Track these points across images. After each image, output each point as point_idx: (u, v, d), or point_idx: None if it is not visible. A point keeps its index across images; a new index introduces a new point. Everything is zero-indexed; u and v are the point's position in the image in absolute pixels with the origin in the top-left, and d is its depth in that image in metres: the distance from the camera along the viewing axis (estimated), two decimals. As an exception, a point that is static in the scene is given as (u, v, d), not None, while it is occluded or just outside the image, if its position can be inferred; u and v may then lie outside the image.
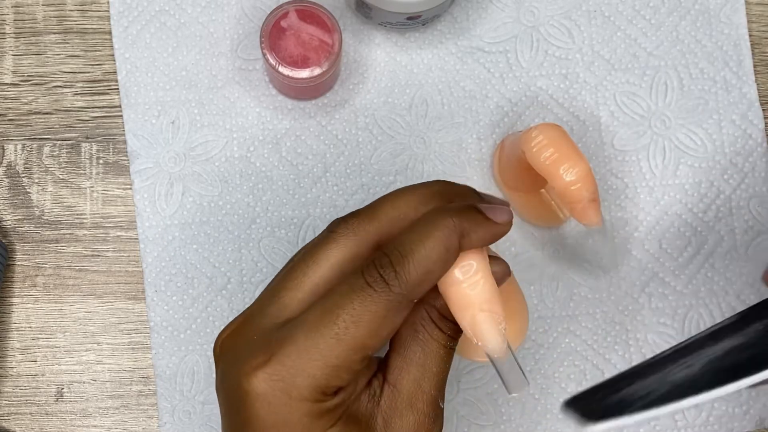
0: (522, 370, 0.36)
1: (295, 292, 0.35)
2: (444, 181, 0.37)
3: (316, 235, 0.53)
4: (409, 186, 0.37)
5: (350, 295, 0.34)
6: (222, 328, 0.52)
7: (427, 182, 0.37)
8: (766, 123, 0.56)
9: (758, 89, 0.56)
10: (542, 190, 0.53)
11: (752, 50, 0.56)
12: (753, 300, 0.54)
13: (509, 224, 0.36)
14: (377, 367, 0.37)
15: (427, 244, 0.34)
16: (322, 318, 0.34)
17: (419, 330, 0.36)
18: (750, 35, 0.56)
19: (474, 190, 0.38)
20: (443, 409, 0.37)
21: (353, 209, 0.53)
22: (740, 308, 0.54)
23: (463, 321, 0.35)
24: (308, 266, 0.35)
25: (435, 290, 0.36)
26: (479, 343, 0.35)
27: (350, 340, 0.33)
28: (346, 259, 0.35)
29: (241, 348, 0.35)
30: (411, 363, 0.36)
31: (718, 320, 0.54)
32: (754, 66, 0.56)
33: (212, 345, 0.52)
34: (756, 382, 0.34)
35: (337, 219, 0.37)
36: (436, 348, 0.36)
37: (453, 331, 0.37)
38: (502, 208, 0.36)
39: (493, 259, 0.37)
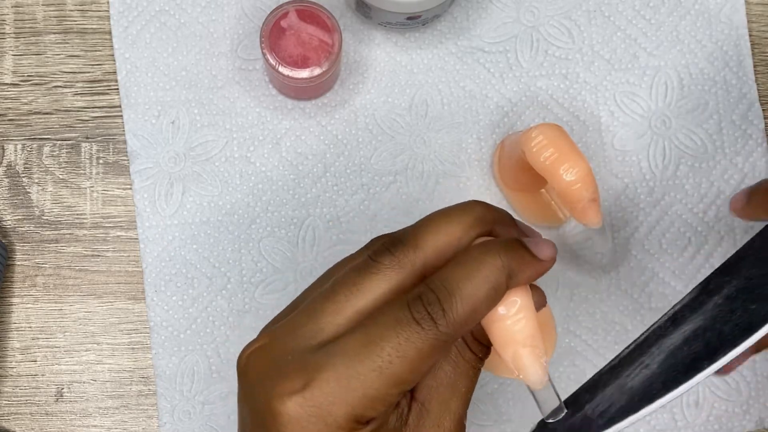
0: (559, 398, 0.36)
1: (335, 317, 0.34)
2: (482, 203, 0.37)
3: (317, 235, 0.53)
4: (449, 211, 0.36)
5: (396, 328, 0.33)
6: (222, 327, 0.52)
7: (466, 206, 0.36)
8: (766, 123, 0.56)
9: (758, 89, 0.56)
10: (542, 190, 0.53)
11: (752, 50, 0.56)
12: (753, 300, 0.54)
13: (554, 260, 0.36)
14: None
15: (474, 283, 0.34)
16: (365, 348, 0.33)
17: (452, 351, 0.36)
18: (750, 35, 0.56)
19: (510, 216, 0.38)
20: (465, 426, 0.37)
21: (353, 209, 0.53)
22: (740, 308, 0.54)
23: (506, 356, 0.35)
24: (351, 293, 0.35)
25: None
26: (520, 376, 0.36)
27: (392, 373, 0.33)
28: (390, 290, 0.35)
29: (272, 367, 0.35)
30: (441, 383, 0.36)
31: (718, 320, 0.54)
32: (754, 66, 0.56)
33: (212, 345, 0.52)
34: (715, 371, 0.34)
35: (381, 244, 0.36)
36: (466, 368, 0.36)
37: (484, 354, 0.37)
38: (546, 243, 0.36)
39: (532, 288, 0.37)
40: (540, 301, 0.37)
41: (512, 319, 0.35)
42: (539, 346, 0.35)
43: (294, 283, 0.53)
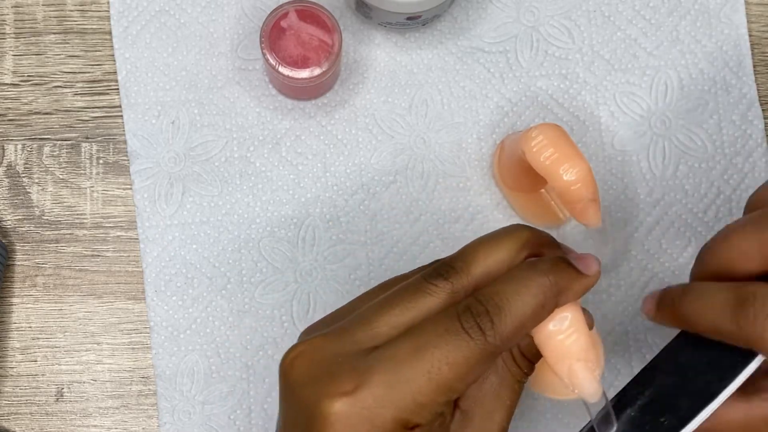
0: (612, 413, 0.37)
1: (388, 328, 0.35)
2: (528, 228, 0.38)
3: (316, 235, 0.53)
4: (497, 236, 0.38)
5: (445, 336, 0.34)
6: (222, 327, 0.52)
7: (514, 231, 0.38)
8: (766, 123, 0.56)
9: (758, 89, 0.56)
10: (542, 190, 0.53)
11: (752, 50, 0.56)
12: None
13: (599, 274, 0.37)
14: None
15: (524, 300, 0.35)
16: (415, 354, 0.34)
17: (499, 363, 0.37)
18: (750, 35, 0.56)
19: (553, 238, 0.39)
20: None
21: (353, 209, 0.53)
22: (740, 308, 0.54)
23: (561, 371, 0.36)
24: (406, 308, 0.36)
25: None
26: (575, 391, 0.37)
27: (440, 380, 0.34)
28: (440, 309, 0.36)
29: (321, 368, 0.35)
30: (486, 394, 0.37)
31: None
32: (754, 66, 0.56)
33: (212, 345, 0.52)
34: None
35: (434, 268, 0.37)
36: (511, 382, 0.37)
37: (529, 369, 0.38)
38: (591, 258, 0.37)
39: (582, 311, 0.38)
40: (588, 322, 0.38)
41: (564, 334, 0.36)
42: (593, 360, 0.37)
43: (294, 283, 0.53)
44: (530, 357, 0.37)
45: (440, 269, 0.37)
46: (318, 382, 0.35)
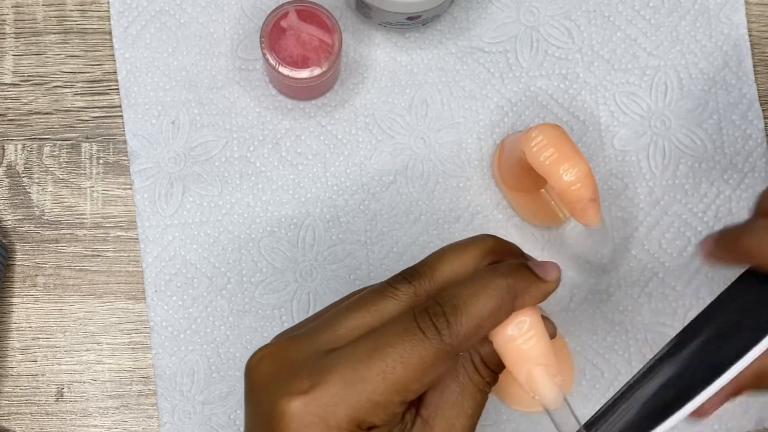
0: (575, 416, 0.37)
1: (350, 330, 0.36)
2: (493, 237, 0.39)
3: (316, 235, 0.53)
4: (462, 244, 0.38)
5: (402, 336, 0.35)
6: (222, 327, 0.52)
7: (478, 239, 0.38)
8: (766, 123, 0.56)
9: (758, 89, 0.56)
10: (542, 190, 0.53)
11: (752, 50, 0.56)
12: (753, 300, 0.54)
13: (559, 281, 0.38)
14: (410, 402, 0.38)
15: (480, 300, 0.35)
16: (372, 353, 0.35)
17: (459, 371, 0.37)
18: (750, 35, 0.56)
19: (519, 249, 0.39)
20: None
21: (353, 209, 0.53)
22: (740, 308, 0.54)
23: (519, 376, 0.37)
24: (368, 311, 0.36)
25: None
26: (536, 397, 0.36)
27: (395, 379, 0.34)
28: (402, 312, 0.37)
29: (283, 368, 0.36)
30: (447, 402, 0.37)
31: (718, 320, 0.54)
32: (754, 66, 0.56)
33: (212, 345, 0.52)
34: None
35: (399, 274, 0.38)
36: (473, 391, 0.37)
37: (492, 379, 0.38)
38: (552, 264, 0.38)
39: (543, 319, 0.39)
40: (550, 330, 0.38)
41: (522, 338, 0.36)
42: (552, 364, 0.36)
43: (294, 283, 0.53)
44: (492, 366, 0.38)
45: (404, 273, 0.37)
46: (278, 382, 0.35)
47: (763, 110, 0.56)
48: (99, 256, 0.54)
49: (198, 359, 0.52)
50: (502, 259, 0.38)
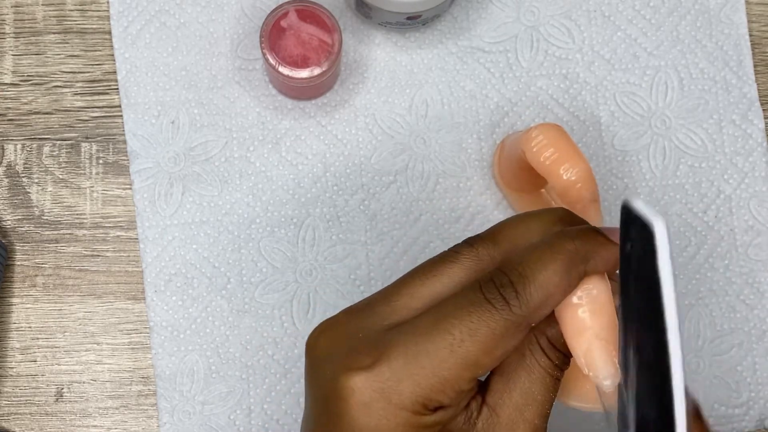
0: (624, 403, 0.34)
1: (409, 299, 0.34)
2: (564, 208, 0.36)
3: (316, 234, 0.53)
4: (532, 211, 0.36)
5: (468, 307, 0.32)
6: (222, 327, 0.52)
7: (550, 209, 0.36)
8: (766, 123, 0.56)
9: (758, 89, 0.56)
10: (542, 190, 0.53)
11: (752, 50, 0.56)
12: (753, 300, 0.54)
13: None
14: (477, 388, 0.36)
15: (549, 267, 0.33)
16: (436, 325, 0.32)
17: (526, 355, 0.35)
18: (750, 35, 0.56)
19: (588, 223, 0.37)
20: None
21: (353, 209, 0.53)
22: (740, 308, 0.54)
23: (577, 348, 0.33)
24: (427, 278, 0.34)
25: (547, 317, 0.35)
26: (590, 373, 0.33)
27: (464, 353, 0.32)
28: (466, 278, 0.34)
29: (342, 343, 0.34)
30: (514, 388, 0.35)
31: (718, 320, 0.54)
32: (754, 66, 0.56)
33: (212, 345, 0.52)
34: None
35: (463, 240, 0.35)
36: (542, 375, 0.35)
37: (561, 361, 0.35)
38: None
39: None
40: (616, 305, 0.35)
41: (586, 307, 0.33)
42: (613, 343, 0.33)
43: (294, 283, 0.53)
44: (560, 347, 0.35)
45: (468, 239, 0.35)
46: (338, 358, 0.33)
47: (763, 110, 0.56)
48: (99, 256, 0.54)
49: (198, 359, 0.52)
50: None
